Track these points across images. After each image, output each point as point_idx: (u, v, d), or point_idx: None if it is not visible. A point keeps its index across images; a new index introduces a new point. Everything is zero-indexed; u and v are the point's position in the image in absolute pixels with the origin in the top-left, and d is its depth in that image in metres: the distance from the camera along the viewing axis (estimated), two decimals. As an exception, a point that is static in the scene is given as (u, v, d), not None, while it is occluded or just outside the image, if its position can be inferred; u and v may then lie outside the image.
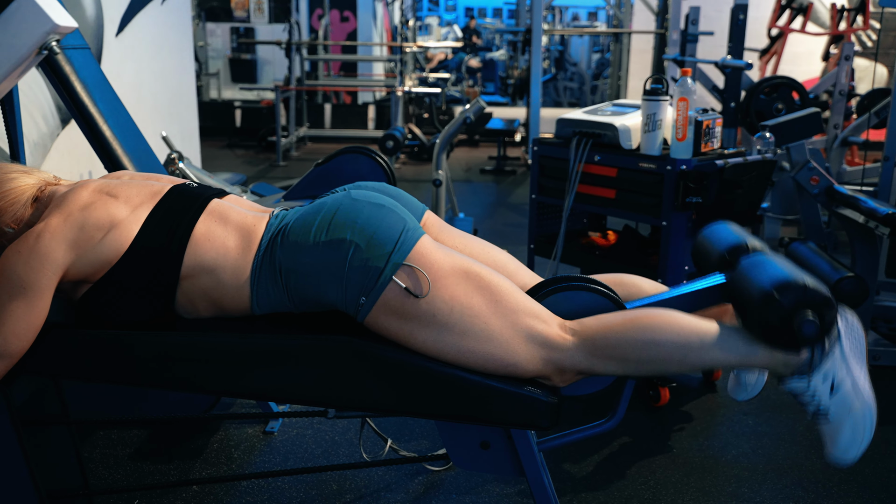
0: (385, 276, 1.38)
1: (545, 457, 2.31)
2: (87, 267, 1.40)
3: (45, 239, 1.37)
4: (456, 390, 1.42)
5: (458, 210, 5.12)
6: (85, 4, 3.45)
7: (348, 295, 1.39)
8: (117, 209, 1.43)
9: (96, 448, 2.37)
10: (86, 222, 1.39)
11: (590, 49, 13.51)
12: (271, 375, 1.44)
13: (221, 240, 1.43)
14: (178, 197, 1.47)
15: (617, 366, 1.42)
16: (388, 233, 1.40)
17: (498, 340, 1.40)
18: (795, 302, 1.33)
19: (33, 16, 1.11)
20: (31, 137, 3.10)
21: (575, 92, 12.86)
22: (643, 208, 2.60)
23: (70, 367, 1.46)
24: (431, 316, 1.38)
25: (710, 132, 2.59)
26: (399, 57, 8.07)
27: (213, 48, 11.00)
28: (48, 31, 1.13)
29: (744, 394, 1.70)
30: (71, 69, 2.26)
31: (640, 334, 1.40)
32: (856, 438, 1.33)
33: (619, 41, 9.21)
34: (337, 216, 1.42)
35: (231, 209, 1.49)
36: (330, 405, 1.49)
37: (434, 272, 1.39)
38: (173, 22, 4.54)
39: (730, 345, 1.40)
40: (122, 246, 1.41)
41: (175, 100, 4.61)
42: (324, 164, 2.40)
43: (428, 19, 17.47)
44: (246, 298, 1.43)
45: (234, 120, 9.02)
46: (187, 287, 1.43)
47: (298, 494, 2.16)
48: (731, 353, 1.40)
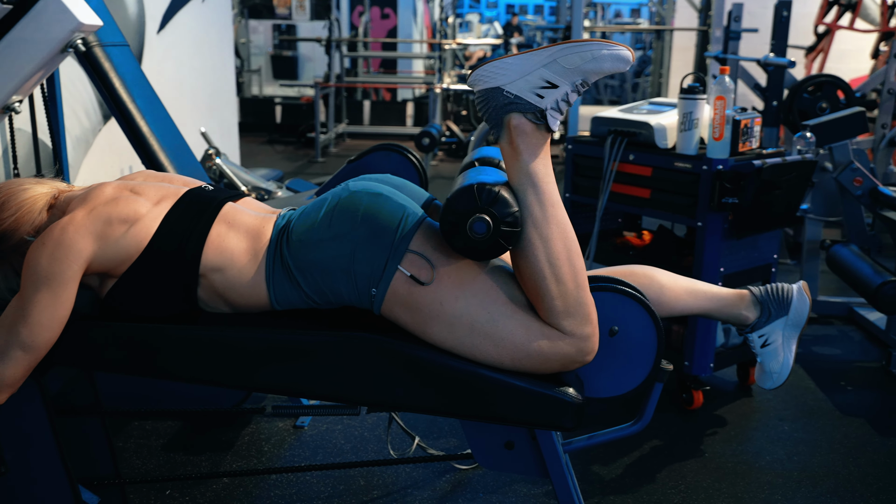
0: (391, 264, 1.38)
1: (572, 458, 2.29)
2: (109, 261, 1.42)
3: (70, 231, 1.39)
4: (478, 389, 1.41)
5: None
6: (127, 2, 3.51)
7: (359, 287, 1.39)
8: (139, 205, 1.45)
9: (130, 438, 2.41)
10: (110, 215, 1.42)
11: (631, 46, 13.37)
12: (293, 371, 1.45)
13: (233, 243, 1.45)
14: (193, 201, 1.49)
15: None
16: (388, 220, 1.40)
17: (505, 326, 1.39)
18: (461, 212, 1.36)
19: (59, 14, 1.13)
20: (74, 133, 3.17)
21: (616, 90, 12.73)
22: (678, 208, 2.57)
23: (97, 360, 1.48)
24: (439, 305, 1.38)
25: (748, 131, 2.54)
26: (438, 54, 8.06)
27: (256, 45, 11.13)
28: (73, 30, 1.16)
29: (770, 381, 1.75)
30: (110, 66, 2.30)
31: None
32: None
33: (660, 38, 9.09)
34: (337, 210, 1.42)
35: (242, 212, 1.51)
36: (353, 402, 1.49)
37: (437, 257, 1.39)
38: (214, 19, 4.60)
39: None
40: (142, 241, 1.43)
41: (215, 96, 4.67)
42: (356, 160, 2.41)
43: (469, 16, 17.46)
44: (264, 297, 1.45)
45: (275, 116, 9.11)
46: (205, 285, 1.45)
47: (326, 489, 2.18)
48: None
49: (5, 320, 1.39)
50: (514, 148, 1.40)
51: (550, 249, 1.38)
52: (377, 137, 8.69)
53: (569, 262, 1.39)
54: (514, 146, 1.39)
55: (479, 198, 1.35)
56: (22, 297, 1.39)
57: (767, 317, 1.71)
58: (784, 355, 1.72)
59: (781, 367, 1.72)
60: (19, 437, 1.53)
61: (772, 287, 1.73)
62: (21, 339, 1.37)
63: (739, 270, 2.59)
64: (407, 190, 1.60)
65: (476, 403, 1.43)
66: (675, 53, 8.71)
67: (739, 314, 1.71)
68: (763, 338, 1.72)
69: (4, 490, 1.55)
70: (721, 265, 2.52)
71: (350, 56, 8.88)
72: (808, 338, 3.31)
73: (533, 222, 1.38)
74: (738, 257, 2.58)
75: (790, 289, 1.72)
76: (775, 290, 1.72)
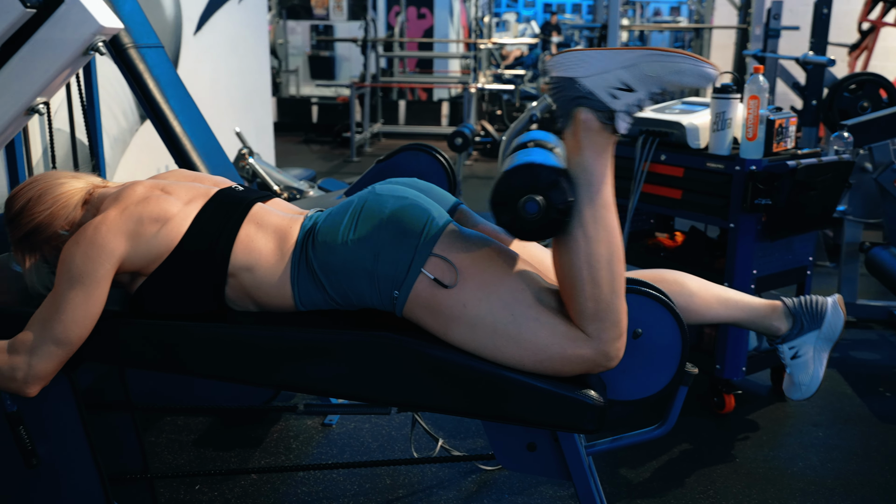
0: (414, 267, 1.38)
1: (599, 460, 2.27)
2: (141, 259, 1.45)
3: (103, 231, 1.42)
4: (500, 390, 1.41)
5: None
6: (164, 4, 3.57)
7: (381, 289, 1.40)
8: (170, 204, 1.47)
9: (163, 433, 2.45)
10: (141, 215, 1.44)
11: (671, 45, 13.21)
12: (317, 370, 1.46)
13: (261, 244, 1.47)
14: (223, 201, 1.51)
15: None
16: (412, 224, 1.40)
17: (528, 330, 1.38)
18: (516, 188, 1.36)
19: (81, 18, 1.15)
20: (112, 133, 3.24)
21: (654, 88, 12.56)
22: (710, 209, 2.53)
23: (126, 356, 1.51)
24: (462, 307, 1.38)
25: (783, 131, 2.50)
26: (473, 54, 8.06)
27: (293, 45, 11.24)
28: (95, 32, 1.18)
29: (798, 393, 1.73)
30: (144, 67, 2.35)
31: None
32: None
33: (699, 36, 8.97)
34: (363, 213, 1.43)
35: (270, 213, 1.52)
36: (374, 401, 1.50)
37: (461, 261, 1.39)
38: (249, 20, 4.65)
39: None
40: (173, 241, 1.45)
41: (250, 96, 4.73)
42: (385, 161, 2.42)
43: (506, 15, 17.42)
44: (289, 297, 1.46)
45: (311, 116, 9.19)
46: (234, 284, 1.47)
47: (352, 487, 2.19)
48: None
49: (39, 315, 1.43)
50: (577, 142, 1.38)
51: (592, 250, 1.37)
52: (412, 137, 8.71)
53: (608, 267, 1.37)
54: (578, 140, 1.38)
55: (538, 178, 1.34)
56: (56, 293, 1.42)
57: (800, 329, 1.68)
58: (814, 368, 1.69)
59: (811, 379, 1.69)
60: (51, 430, 1.56)
61: (806, 299, 1.70)
62: (54, 335, 1.40)
63: (773, 273, 2.54)
64: (433, 194, 1.60)
65: (497, 404, 1.42)
66: (714, 52, 8.59)
67: (771, 325, 1.69)
68: (794, 350, 1.69)
69: (36, 482, 1.58)
70: (754, 267, 2.48)
71: (386, 56, 8.91)
72: (846, 342, 3.24)
73: (580, 220, 1.37)
74: (772, 259, 2.54)
75: (824, 302, 1.69)
76: (809, 302, 1.69)
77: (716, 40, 8.55)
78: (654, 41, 13.65)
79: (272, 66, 9.76)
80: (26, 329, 1.42)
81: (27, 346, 1.41)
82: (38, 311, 1.43)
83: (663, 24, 12.60)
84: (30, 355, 1.41)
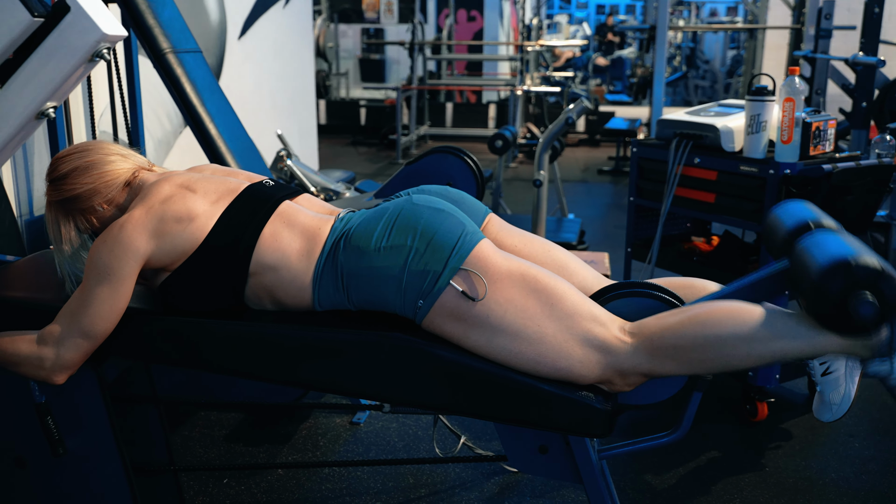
0: (443, 280, 1.39)
1: (624, 465, 2.26)
2: (165, 256, 1.49)
3: (128, 229, 1.47)
4: (506, 392, 1.42)
5: (568, 211, 5.06)
6: (209, 10, 3.66)
7: (406, 298, 1.42)
8: (195, 203, 1.51)
9: (196, 427, 2.52)
10: (165, 214, 1.49)
11: (725, 45, 12.96)
12: (331, 369, 1.49)
13: (287, 242, 1.49)
14: (251, 197, 1.54)
15: (680, 365, 1.37)
16: (447, 237, 1.42)
17: (551, 343, 1.38)
18: (843, 286, 1.25)
19: (85, 26, 1.21)
20: (156, 135, 3.33)
21: (707, 90, 12.37)
22: (744, 213, 2.49)
23: (147, 351, 1.56)
24: (485, 317, 1.39)
25: (820, 134, 2.44)
26: (520, 56, 8.04)
27: (344, 48, 11.38)
28: (98, 40, 1.23)
29: (828, 414, 1.58)
30: (182, 71, 2.42)
31: (700, 329, 1.35)
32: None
33: (753, 37, 8.79)
34: (398, 221, 1.45)
35: (299, 212, 1.54)
36: (388, 401, 1.52)
37: (490, 275, 1.40)
38: (294, 24, 4.73)
39: (799, 332, 1.34)
40: (197, 239, 1.49)
41: (294, 99, 4.81)
42: (413, 163, 2.45)
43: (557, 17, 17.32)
44: (308, 298, 1.49)
45: (359, 118, 9.30)
46: (254, 283, 1.51)
47: (375, 485, 2.22)
48: (802, 341, 1.34)
49: (68, 308, 1.49)
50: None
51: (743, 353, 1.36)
52: (458, 139, 8.74)
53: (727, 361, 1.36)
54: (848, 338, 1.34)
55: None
56: (83, 288, 1.48)
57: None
58: (846, 386, 1.54)
59: (842, 399, 1.55)
60: (78, 422, 1.62)
61: None
62: (81, 327, 1.46)
63: (808, 279, 2.48)
64: (466, 204, 1.62)
65: (504, 406, 1.43)
66: (769, 52, 8.40)
67: None
68: (825, 365, 1.54)
69: (63, 471, 1.65)
70: (788, 273, 2.43)
71: (433, 59, 8.96)
72: (891, 351, 3.13)
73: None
74: (808, 265, 2.48)
75: None
76: None
77: (770, 41, 8.36)
78: (708, 42, 13.40)
79: (322, 69, 9.90)
80: (55, 321, 1.49)
81: (55, 337, 1.47)
82: (66, 305, 1.49)
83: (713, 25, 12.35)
84: (57, 346, 1.47)
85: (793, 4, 7.39)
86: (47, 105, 1.28)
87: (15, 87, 1.20)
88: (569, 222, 4.48)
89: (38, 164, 2.69)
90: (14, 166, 2.60)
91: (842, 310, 1.26)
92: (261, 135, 4.08)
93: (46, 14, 1.22)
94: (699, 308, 1.39)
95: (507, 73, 10.65)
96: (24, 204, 2.64)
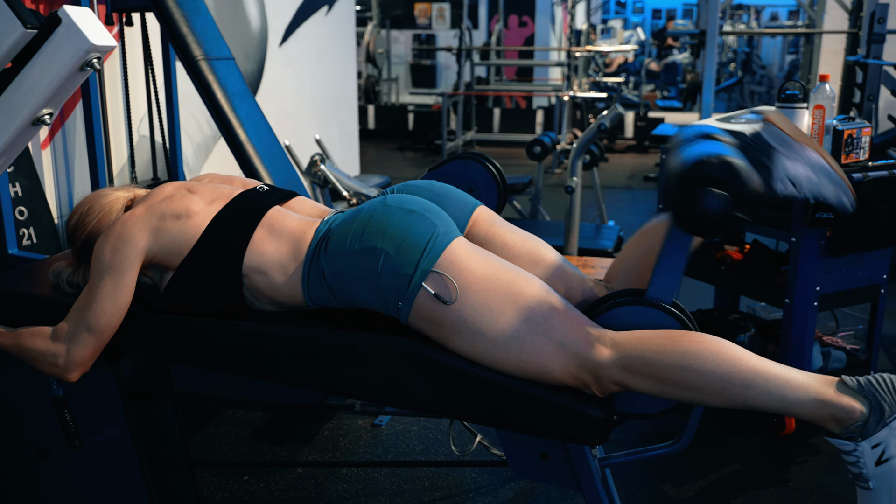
0: (415, 282, 1.40)
1: (642, 475, 2.24)
2: (163, 252, 1.55)
3: (129, 225, 1.53)
4: (500, 397, 1.42)
5: (607, 218, 5.02)
6: (251, 18, 3.76)
7: (386, 299, 1.43)
8: (193, 203, 1.57)
9: (222, 425, 2.59)
10: (164, 211, 1.55)
11: (783, 50, 12.66)
12: (329, 370, 1.51)
13: (275, 247, 1.53)
14: (243, 203, 1.58)
15: (652, 385, 1.35)
16: (416, 240, 1.42)
17: (529, 348, 1.38)
18: (691, 183, 1.29)
19: (74, 37, 1.26)
20: (196, 139, 3.43)
21: (763, 96, 12.11)
22: (772, 222, 2.44)
23: (157, 348, 1.62)
24: (462, 322, 1.39)
25: (853, 142, 2.38)
26: (568, 61, 8.01)
27: (396, 54, 11.50)
28: (87, 50, 1.29)
29: None
30: (213, 78, 2.49)
31: (678, 358, 1.31)
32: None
33: (810, 42, 8.58)
34: (370, 224, 1.46)
35: (286, 217, 1.58)
36: (387, 404, 1.54)
37: (464, 278, 1.40)
38: (336, 31, 4.81)
39: (777, 388, 1.26)
40: (193, 236, 1.54)
41: (336, 105, 4.89)
42: (436, 168, 2.47)
43: (612, 22, 17.16)
44: (300, 296, 1.52)
45: (407, 123, 9.38)
46: (249, 284, 1.54)
47: (391, 486, 2.24)
48: (776, 398, 1.26)
49: (76, 305, 1.55)
50: None
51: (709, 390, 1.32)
52: (505, 145, 8.74)
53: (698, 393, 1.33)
54: None
55: (746, 182, 1.29)
56: (89, 285, 1.54)
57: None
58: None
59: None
60: (95, 416, 1.69)
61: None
62: (87, 322, 1.52)
63: (839, 290, 2.43)
64: (449, 198, 1.62)
65: (498, 411, 1.43)
66: (825, 57, 8.19)
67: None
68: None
69: (81, 463, 1.71)
70: (817, 284, 2.37)
71: (482, 64, 8.98)
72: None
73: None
74: (839, 276, 2.42)
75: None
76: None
77: (826, 45, 8.16)
78: (765, 46, 13.12)
79: (371, 74, 10.02)
80: (65, 319, 1.55)
81: (65, 333, 1.53)
82: (75, 303, 1.56)
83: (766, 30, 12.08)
84: (68, 342, 1.53)
85: (850, 8, 7.20)
86: (42, 112, 1.35)
87: (11, 96, 1.27)
88: (607, 229, 4.45)
89: (77, 168, 2.80)
90: (55, 169, 2.72)
91: (692, 206, 1.31)
92: (301, 140, 4.16)
93: (39, 26, 1.29)
94: (686, 335, 1.36)
95: (558, 78, 10.61)
96: (64, 206, 2.75)
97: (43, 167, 2.65)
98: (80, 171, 2.79)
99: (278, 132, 2.91)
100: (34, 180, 2.56)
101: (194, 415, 2.63)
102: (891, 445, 1.22)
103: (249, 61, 3.78)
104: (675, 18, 20.30)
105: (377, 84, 10.13)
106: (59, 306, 1.61)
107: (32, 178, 2.56)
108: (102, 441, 1.70)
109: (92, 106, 2.52)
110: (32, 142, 2.62)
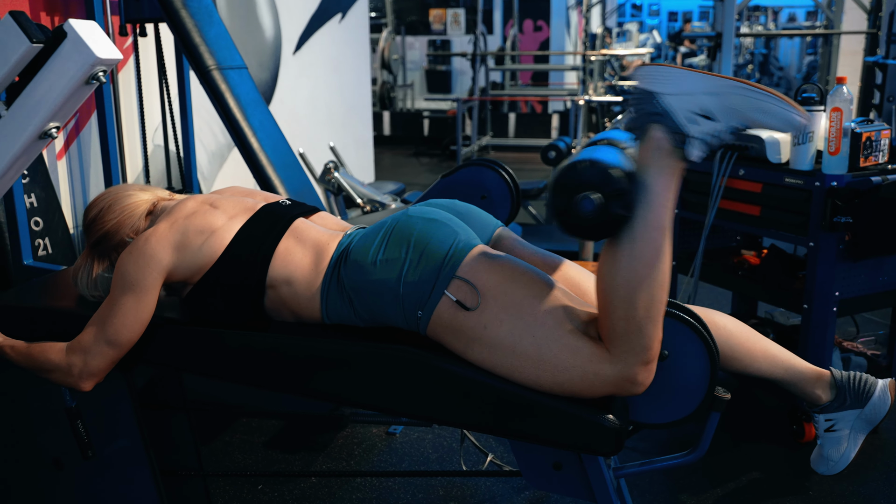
0: (437, 289, 1.40)
1: (660, 484, 2.21)
2: (186, 269, 1.55)
3: (153, 242, 1.54)
4: (514, 407, 1.41)
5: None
6: (265, 27, 3.77)
7: (406, 309, 1.43)
8: (216, 218, 1.57)
9: (236, 434, 2.58)
10: (188, 228, 1.55)
11: (801, 51, 12.56)
12: (341, 381, 1.51)
13: (299, 257, 1.53)
14: (268, 215, 1.59)
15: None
16: (439, 246, 1.42)
17: (547, 355, 1.37)
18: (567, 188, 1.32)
19: (79, 51, 1.27)
20: (210, 148, 3.45)
21: (781, 98, 11.99)
22: (789, 227, 2.41)
23: (173, 360, 1.62)
24: (482, 328, 1.38)
25: (872, 145, 2.35)
26: (583, 65, 7.98)
27: (411, 60, 11.52)
28: (93, 64, 1.30)
29: (824, 468, 1.70)
30: (226, 87, 2.50)
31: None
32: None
33: (828, 43, 8.49)
34: (393, 234, 1.46)
35: (311, 228, 1.59)
36: (398, 413, 1.53)
37: (485, 284, 1.40)
38: (350, 39, 4.82)
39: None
40: (216, 252, 1.54)
41: (350, 112, 4.90)
42: (449, 175, 2.46)
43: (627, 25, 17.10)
44: (317, 310, 1.52)
45: (423, 129, 9.39)
46: (272, 295, 1.55)
47: (405, 496, 2.23)
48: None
49: (96, 318, 1.55)
50: (645, 158, 1.34)
51: (635, 269, 1.33)
52: (520, 150, 8.73)
53: (648, 290, 1.33)
54: (646, 157, 1.34)
55: (607, 180, 1.30)
56: (110, 298, 1.55)
57: (841, 404, 1.67)
58: (847, 448, 1.67)
59: (840, 458, 1.67)
60: (108, 426, 1.69)
61: (855, 375, 1.68)
62: (107, 336, 1.53)
63: (859, 295, 2.39)
64: (472, 217, 1.62)
65: (511, 422, 1.42)
66: (843, 58, 8.11)
67: (813, 392, 1.68)
68: (830, 422, 1.68)
69: (95, 474, 1.72)
70: (836, 289, 2.34)
71: (496, 69, 8.97)
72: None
73: (630, 236, 1.33)
74: (858, 281, 2.38)
75: (874, 383, 1.66)
76: (858, 379, 1.67)
77: (845, 46, 8.08)
78: (783, 47, 13.02)
79: (386, 80, 10.04)
80: (84, 331, 1.55)
81: (83, 345, 1.54)
82: (95, 315, 1.56)
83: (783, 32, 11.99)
84: (85, 354, 1.53)
85: (868, 8, 7.12)
86: (49, 125, 1.36)
87: (18, 110, 1.28)
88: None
89: (92, 178, 2.82)
90: (70, 180, 2.74)
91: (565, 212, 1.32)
92: (315, 147, 4.17)
93: (45, 40, 1.30)
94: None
95: (573, 82, 10.58)
96: (79, 216, 2.77)
97: (59, 177, 2.67)
98: (96, 182, 2.81)
99: (292, 140, 2.92)
100: (49, 191, 2.58)
101: (208, 423, 2.63)
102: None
103: (263, 70, 3.80)
104: (692, 21, 20.21)
105: (392, 90, 10.14)
106: (75, 319, 1.62)
107: (48, 189, 2.58)
108: (116, 451, 1.71)
109: (107, 116, 2.54)
110: (48, 152, 2.64)
